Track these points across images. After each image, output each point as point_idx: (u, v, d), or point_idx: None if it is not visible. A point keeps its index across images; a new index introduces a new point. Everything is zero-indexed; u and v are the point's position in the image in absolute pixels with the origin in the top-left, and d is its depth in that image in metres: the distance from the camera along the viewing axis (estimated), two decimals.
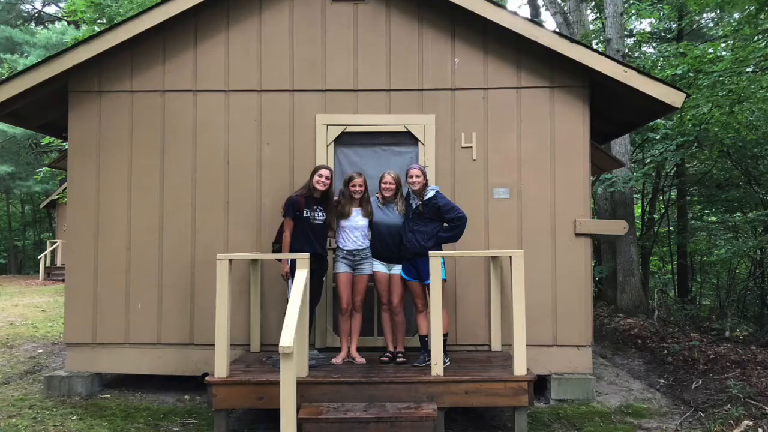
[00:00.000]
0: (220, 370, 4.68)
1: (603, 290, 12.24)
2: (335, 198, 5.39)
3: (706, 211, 13.59)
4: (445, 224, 5.15)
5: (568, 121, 5.91)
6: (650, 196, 13.74)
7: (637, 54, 16.64)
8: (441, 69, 6.00)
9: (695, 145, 10.60)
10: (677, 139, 10.10)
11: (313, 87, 6.02)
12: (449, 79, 5.99)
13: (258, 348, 5.76)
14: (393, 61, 6.01)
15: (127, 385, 6.12)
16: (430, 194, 5.13)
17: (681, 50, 10.59)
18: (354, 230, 5.27)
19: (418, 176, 5.11)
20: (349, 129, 5.95)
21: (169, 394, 5.90)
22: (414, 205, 5.17)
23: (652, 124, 10.14)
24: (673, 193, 14.01)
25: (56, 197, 23.10)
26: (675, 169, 12.45)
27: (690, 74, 9.42)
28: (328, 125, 5.95)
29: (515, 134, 5.93)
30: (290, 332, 4.02)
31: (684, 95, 5.64)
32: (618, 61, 5.78)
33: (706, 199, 12.66)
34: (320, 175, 5.22)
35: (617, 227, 6.15)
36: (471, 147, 5.93)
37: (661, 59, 12.14)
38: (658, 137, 10.71)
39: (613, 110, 6.67)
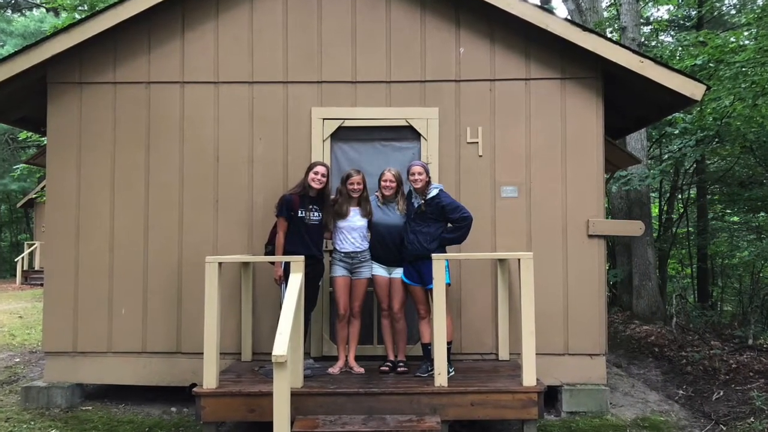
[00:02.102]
0: (209, 380, 4.68)
1: (618, 295, 12.25)
2: (332, 197, 5.39)
3: (728, 211, 13.59)
4: (449, 225, 5.15)
5: (581, 114, 5.91)
6: (668, 194, 13.74)
7: (654, 43, 16.67)
8: (445, 59, 6.00)
9: (716, 140, 10.60)
10: (697, 134, 10.10)
11: (309, 78, 6.02)
12: (454, 70, 6.00)
13: (249, 357, 5.76)
14: (393, 51, 6.02)
15: (110, 396, 6.13)
16: (433, 193, 5.14)
17: (701, 39, 10.59)
18: (352, 231, 5.27)
19: (420, 173, 5.11)
20: (347, 123, 5.95)
21: (154, 406, 5.90)
22: (416, 205, 5.17)
23: (670, 118, 10.12)
24: (693, 192, 14.01)
25: (34, 196, 23.11)
26: (694, 165, 12.44)
27: (710, 65, 9.43)
28: (324, 119, 5.95)
29: (524, 129, 5.93)
30: (284, 340, 4.02)
31: (704, 87, 5.64)
32: (634, 51, 5.78)
33: (728, 198, 12.67)
34: (316, 173, 5.22)
35: (633, 228, 6.16)
36: (477, 142, 5.93)
37: (680, 49, 12.15)
38: (676, 132, 10.70)
39: (628, 103, 6.67)
